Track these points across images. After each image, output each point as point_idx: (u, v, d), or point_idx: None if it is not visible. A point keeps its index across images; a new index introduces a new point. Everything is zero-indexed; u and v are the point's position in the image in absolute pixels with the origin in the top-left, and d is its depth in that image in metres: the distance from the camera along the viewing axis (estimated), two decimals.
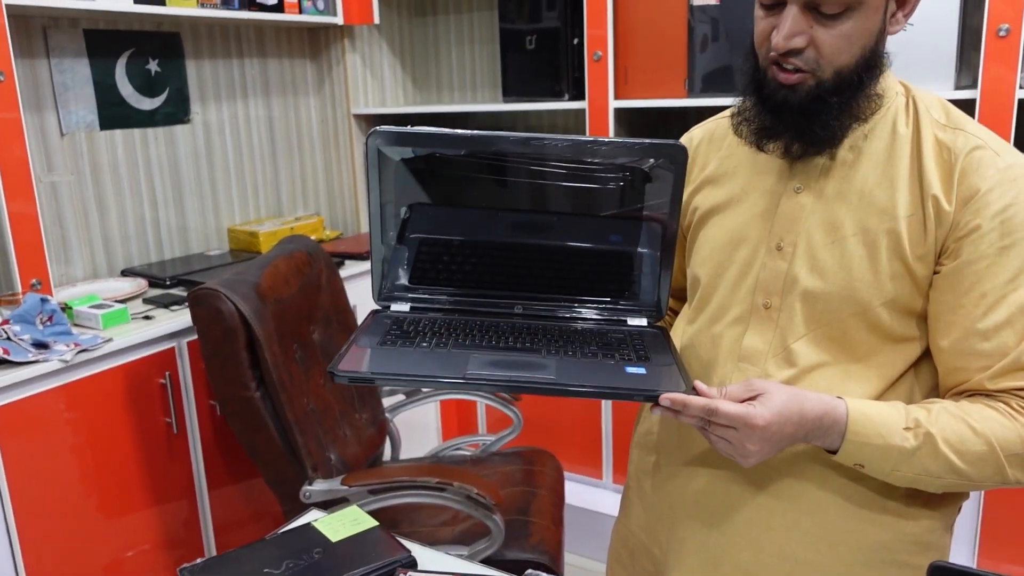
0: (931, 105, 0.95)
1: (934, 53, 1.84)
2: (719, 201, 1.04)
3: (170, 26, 2.28)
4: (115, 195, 2.20)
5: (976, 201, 0.88)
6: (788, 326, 0.96)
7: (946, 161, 0.90)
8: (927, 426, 0.87)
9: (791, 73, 0.89)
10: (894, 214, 0.91)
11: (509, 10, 2.46)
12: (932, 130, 0.92)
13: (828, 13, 0.86)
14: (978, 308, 0.88)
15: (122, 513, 1.77)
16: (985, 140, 0.91)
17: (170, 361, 1.83)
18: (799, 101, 0.90)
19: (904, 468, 0.89)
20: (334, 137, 2.78)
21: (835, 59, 0.88)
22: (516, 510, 1.77)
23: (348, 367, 0.90)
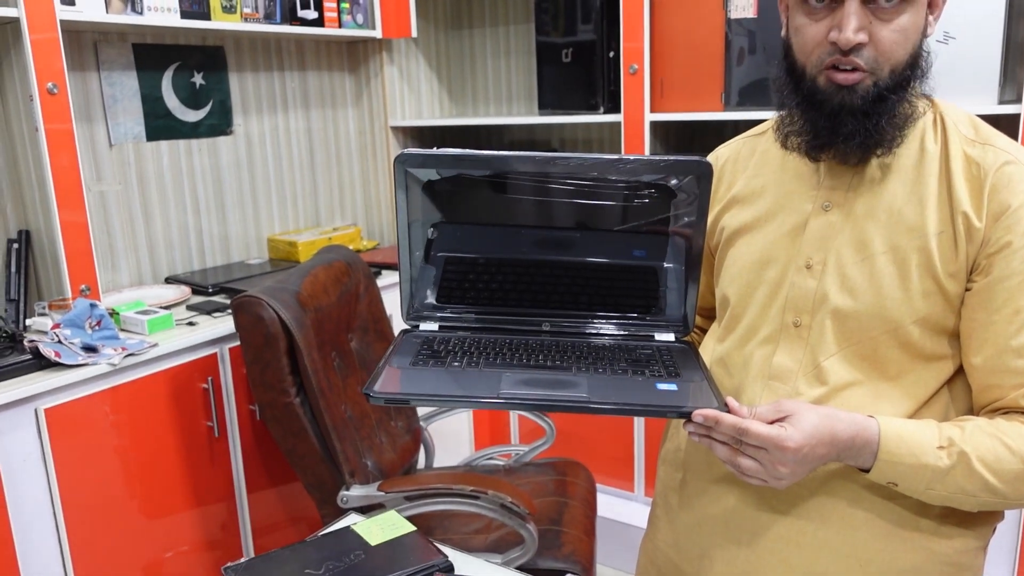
0: (959, 120, 0.94)
1: (977, 67, 1.83)
2: (747, 221, 1.04)
3: (214, 40, 2.34)
4: (160, 204, 2.26)
5: (1007, 217, 0.87)
6: (819, 344, 0.96)
7: (976, 177, 0.89)
8: (961, 445, 0.86)
9: (849, 73, 0.88)
10: (924, 231, 0.90)
11: (545, 23, 2.48)
12: (961, 146, 0.91)
13: (886, 6, 0.85)
14: (1011, 325, 0.87)
15: (164, 514, 1.81)
16: (1015, 155, 0.90)
17: (212, 366, 1.87)
18: (860, 101, 0.88)
19: (939, 487, 0.88)
20: (371, 148, 2.83)
21: (893, 55, 0.87)
22: (549, 520, 1.78)
23: (384, 389, 0.93)
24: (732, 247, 1.06)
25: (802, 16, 0.90)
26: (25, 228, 1.88)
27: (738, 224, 1.05)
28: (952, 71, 1.86)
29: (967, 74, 1.84)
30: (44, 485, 1.59)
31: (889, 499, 0.95)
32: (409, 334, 1.08)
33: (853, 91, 0.88)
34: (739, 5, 2.09)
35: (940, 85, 1.93)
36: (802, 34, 0.91)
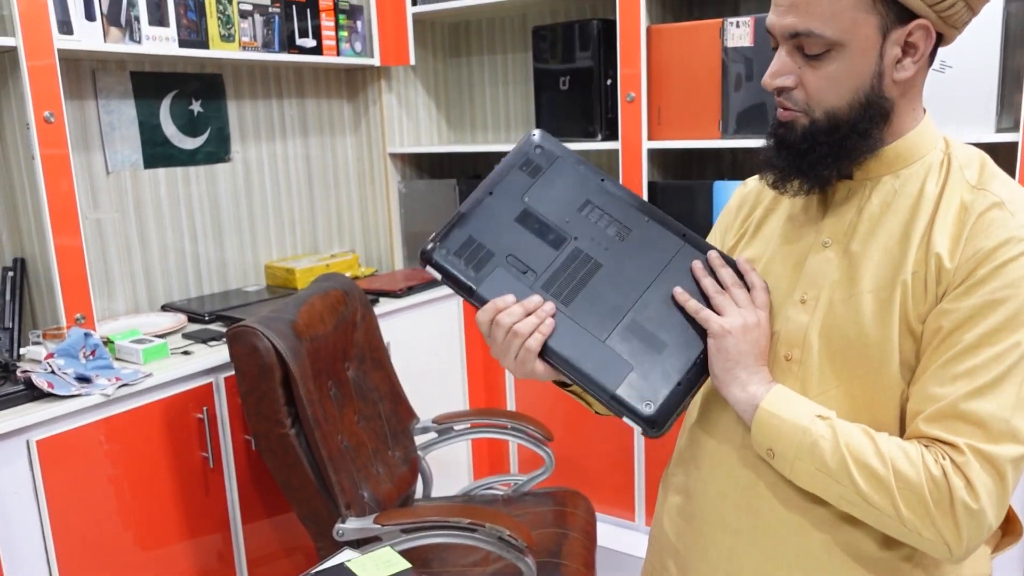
0: (967, 164, 0.93)
1: (974, 96, 1.83)
2: (756, 253, 1.05)
3: (212, 68, 2.34)
4: (157, 231, 2.25)
5: (977, 257, 0.85)
6: (808, 379, 0.95)
7: (961, 221, 0.88)
8: (836, 422, 0.88)
9: (786, 111, 0.93)
10: (903, 271, 0.89)
11: (543, 50, 2.49)
12: (960, 192, 0.90)
13: (810, 54, 0.88)
14: (948, 353, 0.85)
15: (158, 545, 1.78)
16: (1005, 199, 0.88)
17: (207, 396, 1.85)
18: (794, 138, 0.92)
19: (806, 458, 0.87)
20: (370, 175, 2.83)
21: (823, 100, 0.89)
22: (548, 552, 1.75)
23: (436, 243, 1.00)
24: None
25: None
26: (20, 256, 1.87)
27: (750, 256, 1.05)
28: (949, 100, 1.86)
29: (964, 103, 1.85)
30: (36, 518, 1.57)
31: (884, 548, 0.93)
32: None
33: (789, 128, 0.93)
34: (735, 34, 2.10)
35: (937, 114, 1.93)
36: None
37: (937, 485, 0.82)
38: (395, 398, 2.01)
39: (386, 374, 2.01)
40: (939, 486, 0.82)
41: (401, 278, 2.62)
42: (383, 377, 2.00)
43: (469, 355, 2.67)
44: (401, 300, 2.40)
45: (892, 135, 0.93)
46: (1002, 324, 0.83)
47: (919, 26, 0.86)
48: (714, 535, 1.04)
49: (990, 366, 0.83)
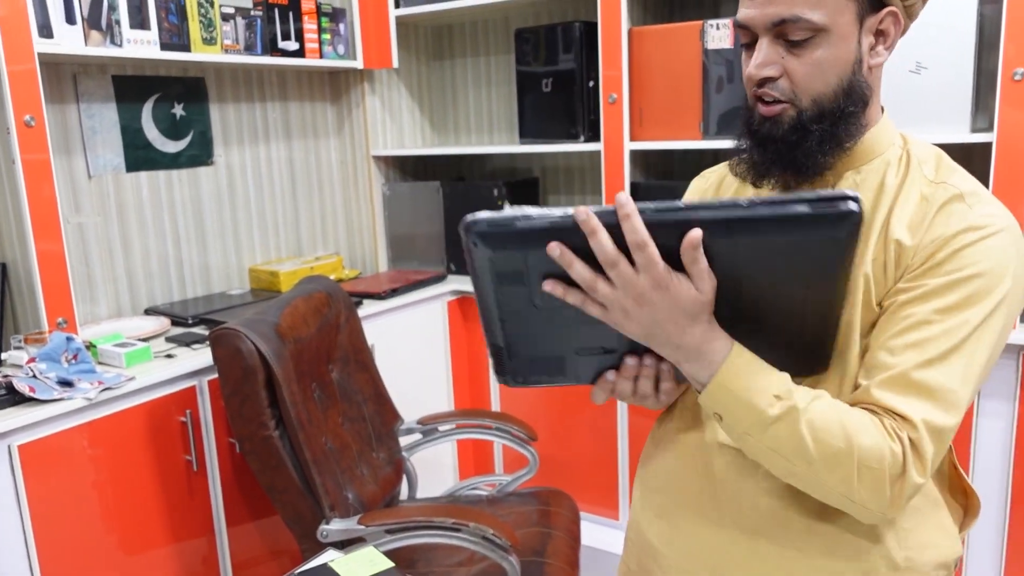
0: (925, 159, 0.96)
1: (949, 97, 1.86)
2: None
3: (195, 71, 2.34)
4: (139, 235, 2.25)
5: (937, 243, 0.88)
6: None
7: (923, 212, 0.91)
8: (797, 401, 0.83)
9: (771, 105, 0.92)
10: (864, 261, 0.92)
11: (525, 53, 2.50)
12: (919, 186, 0.93)
13: (795, 40, 0.89)
14: (899, 326, 0.88)
15: (142, 549, 1.78)
16: (965, 192, 0.91)
17: (191, 399, 1.85)
18: (782, 132, 0.92)
19: (756, 435, 0.84)
20: (353, 178, 2.83)
21: (809, 87, 0.90)
22: (532, 551, 1.76)
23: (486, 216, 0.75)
24: None
25: (743, 54, 0.96)
26: (2, 260, 1.87)
27: None
28: (925, 101, 1.88)
29: (940, 103, 1.87)
30: (18, 523, 1.56)
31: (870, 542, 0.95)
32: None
33: (776, 122, 0.92)
34: (715, 36, 2.12)
35: (913, 114, 1.97)
36: (742, 70, 0.96)
37: (895, 464, 0.83)
38: (379, 400, 2.02)
39: (370, 376, 2.01)
40: (897, 464, 0.83)
41: (385, 280, 2.62)
42: (367, 379, 2.00)
43: (454, 356, 2.68)
44: (385, 302, 2.41)
45: (862, 128, 0.95)
46: (956, 303, 0.86)
47: (890, 13, 0.90)
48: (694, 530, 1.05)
49: (940, 340, 0.85)
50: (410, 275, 2.68)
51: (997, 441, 1.91)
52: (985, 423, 1.91)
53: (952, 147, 2.13)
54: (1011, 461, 1.89)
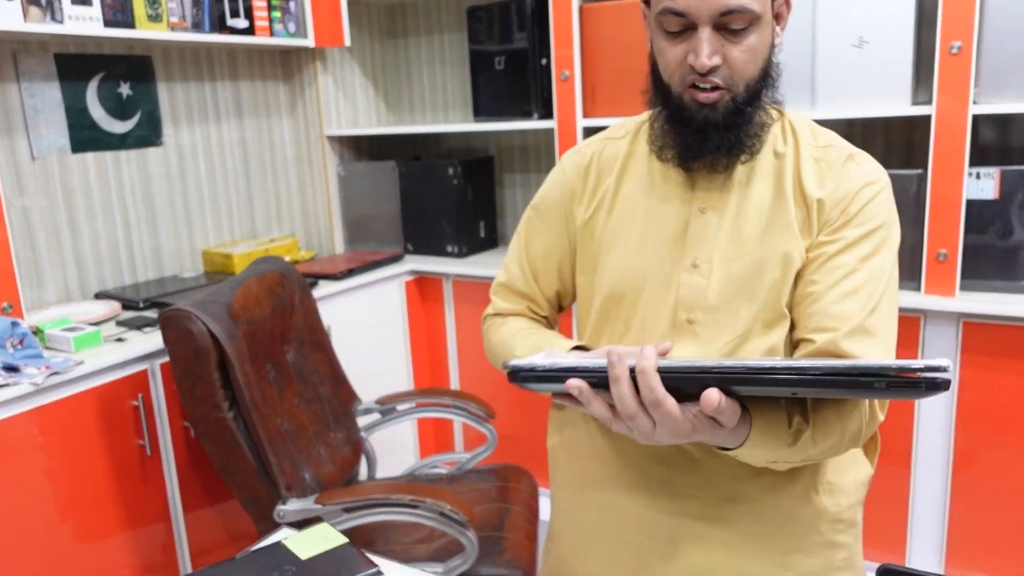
0: (803, 127, 1.05)
1: (890, 71, 1.90)
2: (623, 225, 1.08)
3: (141, 49, 2.29)
4: (87, 218, 2.20)
5: (847, 198, 0.99)
6: (711, 337, 1.01)
7: (824, 171, 1.01)
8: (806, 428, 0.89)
9: (710, 92, 0.95)
10: (787, 220, 0.99)
11: (478, 31, 2.49)
12: (809, 150, 1.02)
13: (735, 29, 0.92)
14: (832, 276, 0.97)
15: (97, 538, 1.76)
16: (852, 152, 1.03)
17: (143, 383, 1.83)
18: (721, 117, 0.96)
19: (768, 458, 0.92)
20: (308, 158, 2.80)
21: (745, 72, 0.95)
22: (490, 526, 1.78)
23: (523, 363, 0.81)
24: (613, 249, 1.08)
25: (662, 40, 0.97)
26: None
27: (615, 228, 1.08)
28: (867, 75, 1.92)
29: (881, 77, 1.91)
30: None
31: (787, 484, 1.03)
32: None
33: (715, 108, 0.96)
34: None
35: (856, 88, 2.00)
36: (664, 56, 0.97)
37: (867, 414, 0.94)
38: (336, 380, 2.01)
39: (326, 356, 2.00)
40: (867, 413, 0.94)
41: (342, 261, 2.60)
42: (323, 359, 1.99)
43: (412, 336, 2.68)
44: (341, 283, 2.40)
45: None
46: (871, 251, 0.98)
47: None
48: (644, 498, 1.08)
49: (869, 286, 0.96)
50: (367, 256, 2.66)
51: (940, 406, 1.97)
52: None
53: (894, 120, 2.18)
54: (952, 424, 1.95)
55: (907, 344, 1.96)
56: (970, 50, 1.77)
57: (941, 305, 1.88)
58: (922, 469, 2.02)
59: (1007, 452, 1.91)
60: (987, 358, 1.88)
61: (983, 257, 1.89)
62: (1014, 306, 1.81)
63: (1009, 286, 1.87)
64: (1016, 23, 1.75)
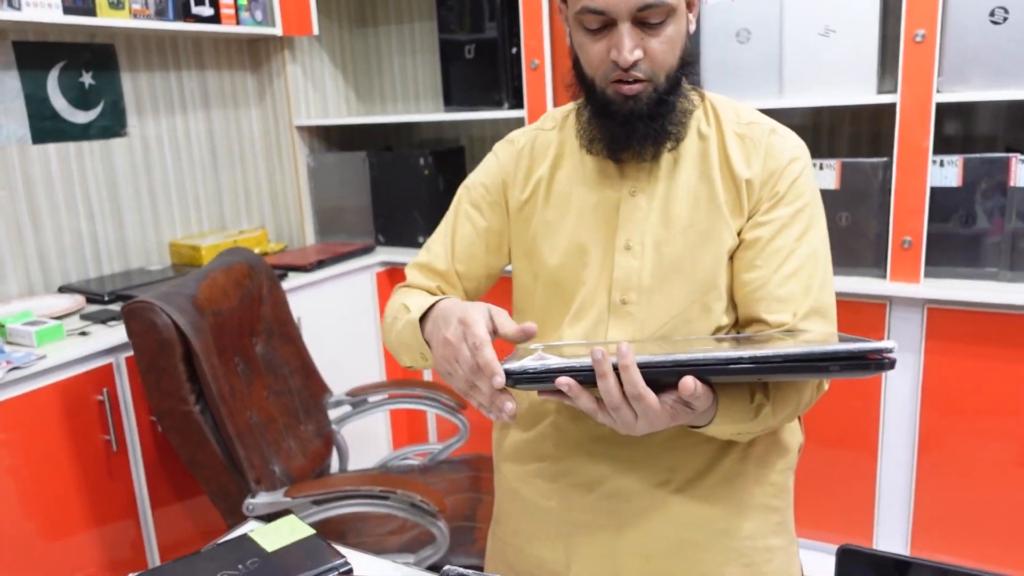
0: (722, 106, 1.07)
1: (856, 60, 1.91)
2: (559, 212, 1.10)
3: (103, 38, 2.25)
4: (50, 210, 2.16)
5: (775, 175, 1.01)
6: (647, 319, 1.03)
7: (749, 149, 1.03)
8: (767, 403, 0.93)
9: (632, 85, 0.97)
10: (717, 202, 1.02)
11: (449, 20, 2.48)
12: (732, 128, 1.04)
13: (653, 23, 0.95)
14: (774, 260, 1.00)
15: (63, 536, 1.73)
16: (775, 127, 1.04)
17: (108, 377, 1.80)
18: (645, 108, 0.98)
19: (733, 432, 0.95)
20: (277, 149, 2.77)
21: (665, 63, 0.97)
22: (462, 516, 1.78)
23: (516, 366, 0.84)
24: (550, 235, 1.10)
25: (583, 36, 0.98)
26: None
27: (552, 215, 1.10)
28: (833, 63, 1.93)
29: (847, 66, 1.92)
30: None
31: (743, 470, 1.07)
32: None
33: (638, 99, 0.98)
34: None
35: (823, 77, 2.01)
36: (586, 51, 0.98)
37: (819, 386, 1.00)
38: (306, 372, 2.00)
39: (296, 348, 1.99)
40: (819, 386, 0.99)
41: (312, 252, 2.58)
42: (293, 351, 1.98)
43: None
44: (311, 274, 2.38)
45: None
46: (805, 227, 1.01)
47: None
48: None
49: (809, 265, 1.00)
50: (337, 247, 2.64)
51: (905, 390, 1.99)
52: (893, 374, 2.00)
53: (861, 109, 2.20)
54: (917, 408, 1.98)
55: (874, 330, 1.98)
56: (934, 39, 1.78)
57: (906, 291, 1.91)
58: (888, 453, 2.05)
59: (971, 435, 1.94)
60: (951, 343, 1.91)
61: (947, 244, 1.91)
62: (977, 292, 1.84)
63: (972, 272, 1.90)
64: (978, 12, 1.77)
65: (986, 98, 1.79)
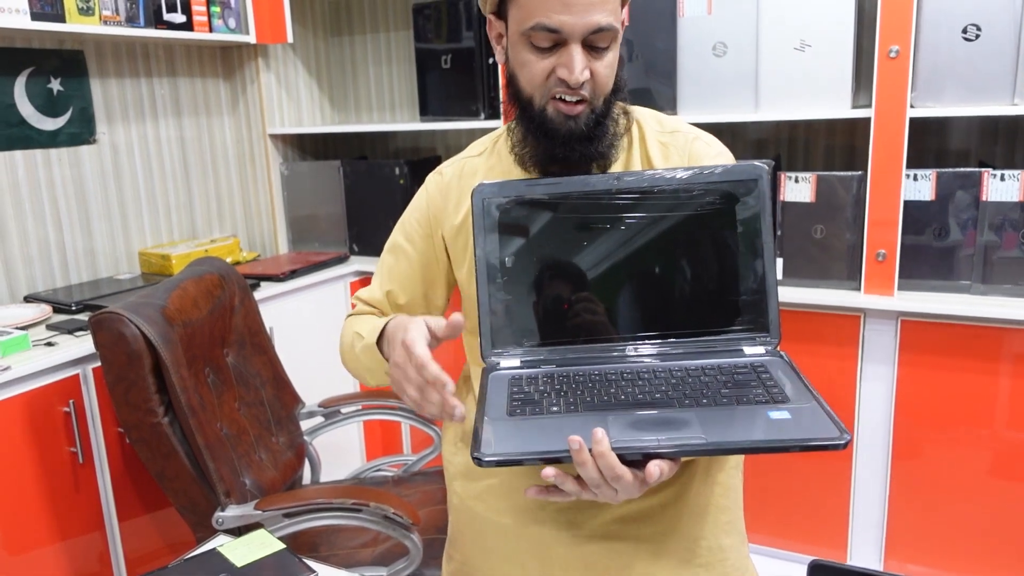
0: (646, 118, 1.09)
1: (831, 74, 1.93)
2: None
3: (73, 44, 2.21)
4: (16, 218, 2.12)
5: None
6: None
7: (671, 156, 1.06)
8: None
9: (575, 104, 0.98)
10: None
11: (426, 30, 2.47)
12: (655, 137, 1.07)
13: (600, 47, 0.97)
14: None
15: (27, 549, 1.69)
16: (698, 134, 1.08)
17: (74, 388, 1.76)
18: (583, 127, 1.00)
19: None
20: (250, 157, 2.74)
21: (606, 86, 1.00)
22: (436, 529, 1.76)
23: (494, 451, 0.86)
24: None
25: (528, 53, 0.98)
26: None
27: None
28: (809, 78, 1.95)
29: (822, 80, 1.94)
30: None
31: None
32: (494, 375, 1.00)
33: (578, 120, 0.99)
34: None
35: (798, 91, 2.03)
36: (529, 68, 0.98)
37: None
38: (278, 383, 1.97)
39: (268, 359, 1.96)
40: None
41: (285, 262, 2.55)
42: (265, 362, 1.95)
43: None
44: (284, 284, 2.35)
45: None
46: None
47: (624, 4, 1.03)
48: None
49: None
50: (311, 256, 2.62)
51: (879, 402, 2.01)
52: (868, 385, 2.01)
53: (836, 123, 2.22)
54: (891, 420, 1.99)
55: (848, 342, 1.99)
56: (908, 55, 1.80)
57: (880, 304, 1.92)
58: (862, 464, 2.06)
59: (944, 447, 1.95)
60: (924, 355, 1.93)
61: (920, 257, 1.93)
62: (950, 305, 1.86)
63: (945, 285, 1.92)
64: (951, 29, 1.79)
65: (959, 113, 1.82)
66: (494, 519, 1.14)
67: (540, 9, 0.94)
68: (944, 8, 1.79)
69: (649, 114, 1.11)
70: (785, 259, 2.04)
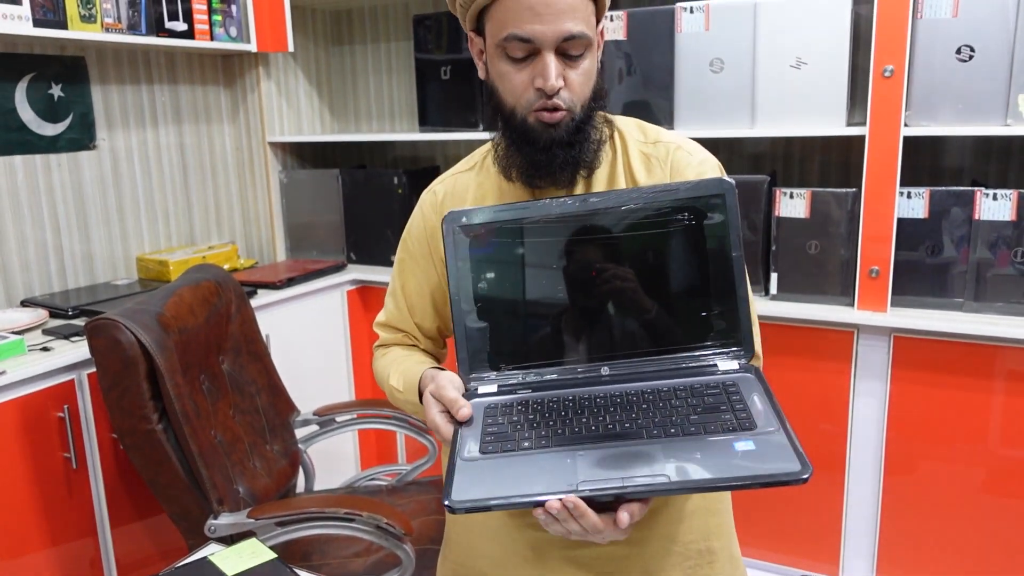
0: (629, 129, 1.11)
1: (827, 91, 1.94)
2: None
3: (74, 50, 2.22)
4: (15, 222, 2.12)
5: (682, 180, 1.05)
6: None
7: (653, 166, 1.08)
8: None
9: (553, 113, 1.00)
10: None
11: (426, 41, 2.49)
12: (637, 148, 1.09)
13: (573, 55, 0.98)
14: None
15: (20, 553, 1.69)
16: (680, 143, 1.09)
17: (69, 394, 1.77)
18: (564, 136, 1.01)
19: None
20: (249, 165, 2.75)
21: (582, 94, 1.01)
22: (429, 539, 1.76)
23: (463, 496, 0.87)
24: None
25: (506, 65, 1.00)
26: None
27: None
28: (804, 95, 1.96)
29: (818, 98, 1.95)
30: None
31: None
32: (471, 403, 1.01)
33: (558, 127, 1.01)
34: (609, 27, 2.15)
35: (794, 108, 2.04)
36: (508, 80, 1.00)
37: None
38: (274, 391, 1.97)
39: (264, 367, 1.96)
40: None
41: (282, 269, 2.56)
42: (260, 370, 1.95)
43: (354, 346, 2.64)
44: (281, 291, 2.35)
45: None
46: None
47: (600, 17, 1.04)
48: None
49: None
50: (308, 264, 2.63)
51: (872, 418, 2.01)
52: (860, 401, 2.02)
53: (831, 140, 2.24)
54: (884, 435, 2.00)
55: (841, 357, 2.00)
56: (902, 74, 1.82)
57: (873, 320, 1.93)
58: (855, 478, 2.06)
59: (936, 462, 1.96)
60: (917, 372, 1.94)
61: (914, 274, 1.94)
62: (943, 322, 1.87)
63: (938, 302, 1.93)
64: (945, 50, 1.81)
65: (952, 132, 1.83)
66: (488, 521, 1.14)
67: (512, 20, 0.96)
68: (938, 29, 1.81)
69: (632, 123, 1.12)
70: (779, 274, 2.05)
